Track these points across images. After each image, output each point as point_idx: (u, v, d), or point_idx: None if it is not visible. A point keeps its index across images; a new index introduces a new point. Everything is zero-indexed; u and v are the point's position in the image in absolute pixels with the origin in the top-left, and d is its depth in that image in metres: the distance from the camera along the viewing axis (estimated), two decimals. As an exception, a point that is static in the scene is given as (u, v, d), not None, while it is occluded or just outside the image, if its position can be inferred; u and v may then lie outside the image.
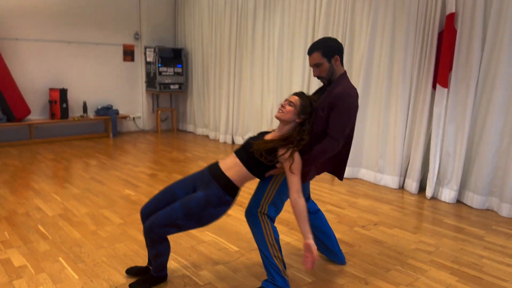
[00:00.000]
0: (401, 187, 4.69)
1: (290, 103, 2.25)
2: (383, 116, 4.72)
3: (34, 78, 6.65)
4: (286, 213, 3.76)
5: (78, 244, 3.01)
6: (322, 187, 4.66)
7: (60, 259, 2.76)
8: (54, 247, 2.95)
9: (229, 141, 7.10)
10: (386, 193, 4.49)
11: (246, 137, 6.80)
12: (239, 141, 6.98)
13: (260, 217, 2.31)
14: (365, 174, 4.98)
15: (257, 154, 2.19)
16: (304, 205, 2.14)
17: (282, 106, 2.27)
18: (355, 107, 2.27)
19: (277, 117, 2.27)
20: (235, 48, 6.77)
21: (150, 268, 2.54)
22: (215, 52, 7.19)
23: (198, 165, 5.47)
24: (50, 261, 2.73)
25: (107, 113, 7.32)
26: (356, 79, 5.00)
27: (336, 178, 5.04)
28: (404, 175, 4.67)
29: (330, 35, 5.21)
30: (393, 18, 4.54)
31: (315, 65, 2.35)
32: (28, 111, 6.39)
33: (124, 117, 7.61)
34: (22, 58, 6.50)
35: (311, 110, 2.26)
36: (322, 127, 2.27)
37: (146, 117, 8.07)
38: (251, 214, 2.34)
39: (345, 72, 2.37)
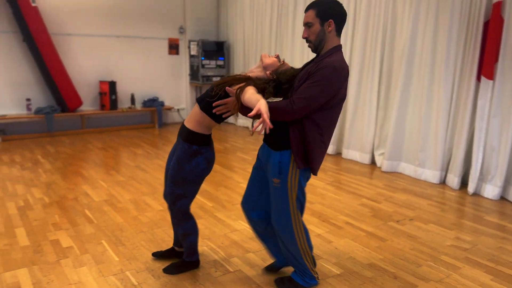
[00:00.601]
0: (442, 182, 4.56)
1: (278, 57, 2.22)
2: (424, 109, 4.59)
3: (85, 71, 7.05)
4: (318, 205, 3.79)
5: (120, 228, 3.21)
6: (360, 180, 4.62)
7: (103, 241, 2.97)
8: (98, 230, 3.17)
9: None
10: (425, 188, 4.39)
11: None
12: (279, 132, 7.02)
13: (294, 226, 2.18)
14: (405, 168, 4.88)
15: (214, 91, 2.14)
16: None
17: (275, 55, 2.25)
18: (337, 84, 1.93)
19: (261, 56, 2.25)
20: (275, 39, 6.80)
21: (176, 248, 2.69)
22: (256, 44, 7.26)
23: (236, 156, 5.59)
24: (93, 243, 2.94)
25: (153, 104, 7.62)
26: (397, 70, 4.88)
27: (375, 171, 4.98)
28: (445, 169, 4.53)
29: (371, 25, 5.12)
30: (436, 7, 4.38)
31: (306, 24, 2.03)
32: (80, 102, 6.79)
33: (169, 109, 7.88)
34: (75, 52, 6.90)
35: (284, 77, 2.10)
36: None
37: (189, 109, 8.31)
38: (281, 229, 2.21)
39: (339, 46, 2.05)
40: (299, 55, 6.39)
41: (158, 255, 2.71)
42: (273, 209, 2.21)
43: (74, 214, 3.48)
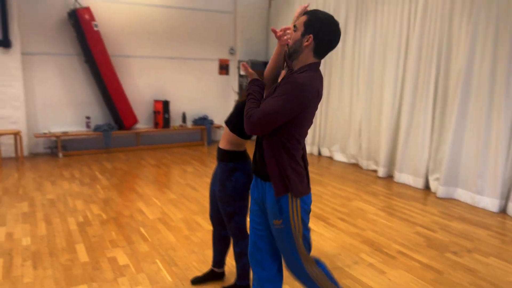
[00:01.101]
0: (502, 211, 4.31)
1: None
2: (483, 132, 4.39)
3: (141, 90, 7.38)
4: (370, 232, 3.70)
5: (173, 247, 3.30)
6: (413, 206, 4.47)
7: (157, 261, 3.06)
8: (152, 249, 3.27)
9: (315, 152, 7.13)
10: (484, 217, 4.17)
11: (333, 148, 6.77)
12: (326, 152, 6.97)
13: (309, 269, 1.97)
14: (462, 194, 4.66)
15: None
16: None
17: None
18: (301, 102, 1.77)
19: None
20: (324, 59, 6.80)
21: (215, 270, 2.75)
22: (306, 64, 7.28)
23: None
24: (148, 262, 3.04)
25: (203, 122, 7.82)
26: (453, 92, 4.72)
27: (429, 196, 4.80)
28: (506, 198, 4.29)
29: (425, 44, 5.00)
30: (496, 26, 4.21)
31: (294, 26, 1.89)
32: (136, 120, 7.10)
33: (218, 127, 8.05)
34: (132, 73, 7.26)
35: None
36: None
37: (238, 127, 8.45)
38: (295, 275, 2.03)
39: (316, 64, 1.88)
40: (348, 73, 6.34)
41: (199, 281, 2.75)
42: (282, 254, 2.02)
43: (130, 231, 3.62)
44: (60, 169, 5.84)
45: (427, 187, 5.12)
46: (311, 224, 3.84)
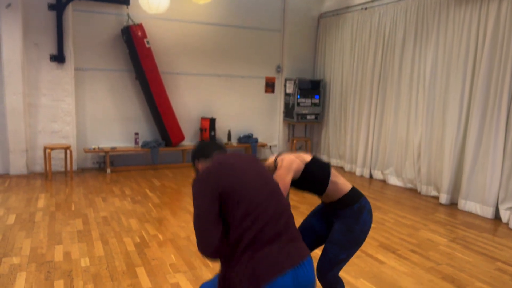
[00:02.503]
0: None
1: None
2: None
3: (188, 107, 7.34)
4: (447, 267, 3.39)
5: (237, 276, 3.11)
6: (487, 238, 4.12)
7: (224, 290, 2.87)
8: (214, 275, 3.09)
9: (366, 174, 6.84)
10: None
11: (386, 172, 6.46)
12: (378, 175, 6.67)
13: None
14: (540, 227, 4.28)
15: None
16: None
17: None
18: (198, 188, 1.66)
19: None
20: (378, 79, 6.56)
21: None
22: (356, 83, 7.07)
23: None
24: (215, 291, 2.86)
25: (248, 141, 7.69)
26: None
27: (501, 227, 4.43)
28: None
29: (495, 69, 4.70)
30: None
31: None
32: (183, 137, 7.04)
33: (263, 145, 7.90)
34: (181, 90, 7.24)
35: None
36: None
37: (281, 145, 8.27)
38: None
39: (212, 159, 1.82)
40: (405, 96, 6.07)
41: None
42: None
43: (189, 255, 3.46)
44: (109, 185, 5.80)
45: (497, 216, 4.74)
46: (379, 255, 3.57)
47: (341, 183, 2.23)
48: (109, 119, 6.81)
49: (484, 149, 4.86)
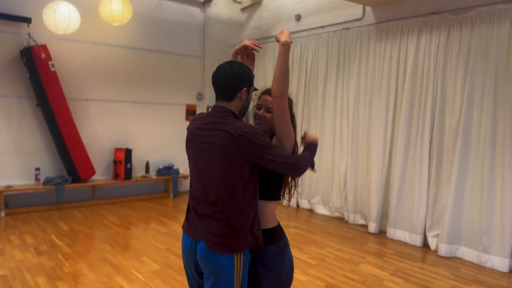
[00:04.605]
0: (513, 271, 4.15)
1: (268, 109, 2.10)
2: (486, 187, 4.28)
3: (100, 137, 6.60)
4: (398, 305, 3.29)
5: None
6: (423, 268, 4.16)
7: None
8: None
9: (293, 204, 6.73)
10: (498, 278, 3.95)
11: (313, 201, 6.42)
12: (305, 204, 6.60)
13: None
14: (466, 252, 4.46)
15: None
16: None
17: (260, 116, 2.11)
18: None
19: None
20: (302, 108, 6.57)
21: None
22: (280, 112, 7.01)
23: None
24: None
25: (169, 172, 7.15)
26: (451, 144, 4.61)
27: (430, 255, 4.54)
28: (516, 256, 4.14)
29: (417, 98, 4.93)
30: (495, 79, 4.22)
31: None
32: (93, 172, 6.27)
33: (184, 177, 7.41)
34: (91, 118, 6.50)
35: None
36: None
37: (203, 176, 7.85)
38: None
39: None
40: (330, 125, 6.13)
41: None
42: None
43: (118, 322, 2.89)
44: (6, 232, 4.86)
45: (425, 244, 4.88)
46: (330, 299, 3.35)
47: (274, 211, 2.03)
48: (3, 152, 5.81)
49: (409, 177, 5.02)
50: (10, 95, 5.84)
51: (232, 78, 1.94)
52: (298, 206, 6.72)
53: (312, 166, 2.06)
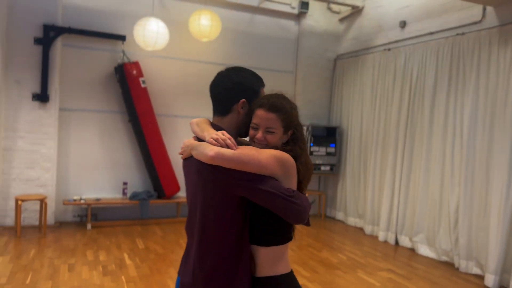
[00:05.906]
0: None
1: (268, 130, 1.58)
2: None
3: (186, 154, 6.51)
4: None
5: None
6: None
7: None
8: None
9: (391, 240, 5.77)
10: None
11: (416, 239, 5.41)
12: (405, 242, 5.61)
13: None
14: None
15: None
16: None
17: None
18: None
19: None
20: (405, 128, 5.66)
21: None
22: (378, 132, 6.18)
23: (356, 277, 4.31)
24: None
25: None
26: None
27: None
28: None
29: None
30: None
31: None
32: (177, 188, 6.17)
33: (270, 199, 6.95)
34: (178, 134, 6.45)
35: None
36: None
37: (292, 199, 7.31)
38: None
39: None
40: (439, 150, 5.13)
41: None
42: None
43: None
44: (85, 246, 4.89)
45: None
46: None
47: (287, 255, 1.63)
48: (95, 166, 6.01)
49: None
50: (104, 110, 6.05)
51: (226, 87, 1.53)
52: (397, 243, 5.75)
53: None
